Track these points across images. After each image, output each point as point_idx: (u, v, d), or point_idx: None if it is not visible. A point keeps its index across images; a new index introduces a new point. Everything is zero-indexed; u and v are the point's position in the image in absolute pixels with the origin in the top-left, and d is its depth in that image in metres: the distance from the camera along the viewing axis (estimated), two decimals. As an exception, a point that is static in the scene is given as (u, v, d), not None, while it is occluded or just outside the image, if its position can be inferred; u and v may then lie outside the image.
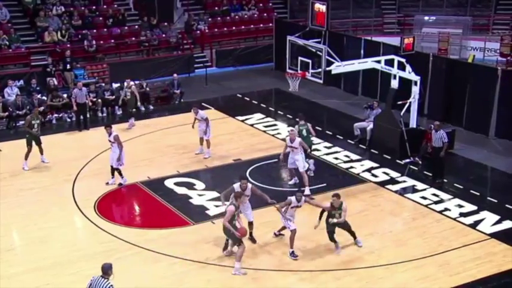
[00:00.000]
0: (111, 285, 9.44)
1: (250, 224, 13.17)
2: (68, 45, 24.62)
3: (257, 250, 13.15)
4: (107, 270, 9.52)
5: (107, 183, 15.98)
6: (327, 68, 17.72)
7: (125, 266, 12.43)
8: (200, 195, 15.65)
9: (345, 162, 17.77)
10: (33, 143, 17.15)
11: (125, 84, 20.93)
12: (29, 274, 12.21)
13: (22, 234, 14.16)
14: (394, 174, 16.90)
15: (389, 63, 18.10)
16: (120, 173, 15.93)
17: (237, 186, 12.73)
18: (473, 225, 14.23)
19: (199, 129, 17.80)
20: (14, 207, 15.09)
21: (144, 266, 12.49)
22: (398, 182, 16.47)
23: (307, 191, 15.36)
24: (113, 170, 15.95)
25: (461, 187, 16.15)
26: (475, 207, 15.03)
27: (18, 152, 17.38)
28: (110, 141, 15.82)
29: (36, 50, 24.57)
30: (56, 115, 21.28)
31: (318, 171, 17.18)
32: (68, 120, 21.23)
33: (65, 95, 21.67)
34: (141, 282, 12.01)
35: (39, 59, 24.20)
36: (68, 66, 23.62)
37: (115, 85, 22.75)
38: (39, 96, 21.22)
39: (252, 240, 13.22)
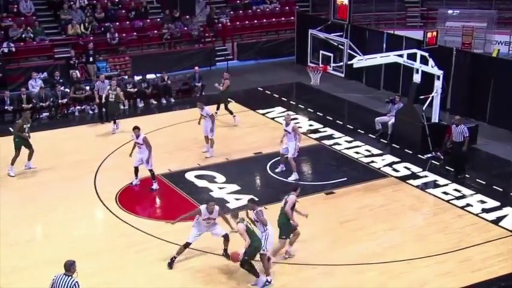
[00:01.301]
0: (77, 282, 9.18)
1: (225, 238, 12.33)
2: (91, 38, 24.80)
3: (277, 243, 13.13)
4: (69, 266, 9.24)
5: (131, 184, 15.84)
6: (349, 62, 17.63)
7: (144, 258, 12.56)
8: (221, 188, 15.69)
9: (366, 156, 17.69)
10: (23, 147, 16.55)
11: (111, 84, 19.84)
12: (46, 266, 12.21)
13: (43, 225, 14.35)
14: (415, 169, 16.79)
15: (411, 57, 17.95)
16: (153, 176, 15.57)
17: (203, 208, 12.11)
18: (496, 221, 14.10)
19: (205, 126, 17.43)
20: (35, 199, 15.28)
21: (163, 258, 12.52)
22: (419, 177, 16.36)
23: (294, 176, 15.88)
24: (136, 170, 15.72)
25: (483, 183, 15.99)
26: (497, 203, 14.88)
27: (40, 144, 17.57)
28: (137, 143, 15.46)
29: (60, 42, 24.78)
30: (78, 107, 21.47)
31: (339, 165, 17.13)
32: (90, 112, 21.39)
33: (88, 88, 21.85)
34: (160, 274, 12.10)
35: (63, 52, 24.39)
36: (91, 59, 23.80)
37: (137, 78, 22.89)
38: (62, 88, 21.43)
39: (227, 256, 12.35)
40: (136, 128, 15.51)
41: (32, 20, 24.78)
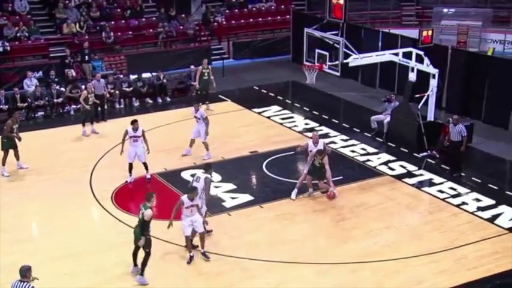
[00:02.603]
0: (32, 287, 9.29)
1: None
2: (86, 37, 24.74)
3: (272, 242, 13.18)
4: (25, 272, 9.30)
5: (126, 182, 15.89)
6: (345, 61, 17.68)
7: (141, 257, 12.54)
8: (216, 187, 15.68)
9: (362, 155, 17.71)
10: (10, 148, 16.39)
11: (87, 88, 19.42)
12: (46, 264, 12.28)
13: (40, 224, 14.35)
14: (411, 167, 16.82)
15: (407, 55, 17.97)
16: (146, 168, 15.88)
17: (185, 197, 12.48)
18: (491, 220, 14.13)
19: (195, 129, 17.19)
20: (32, 198, 15.27)
21: (160, 257, 12.53)
22: (415, 176, 16.39)
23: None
24: (130, 167, 15.80)
25: (479, 181, 16.03)
26: (493, 202, 14.92)
27: (36, 143, 17.53)
28: (135, 136, 15.53)
29: (55, 41, 24.73)
30: (74, 106, 21.41)
31: (335, 163, 17.12)
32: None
33: (83, 87, 21.80)
34: (157, 272, 12.10)
35: (58, 51, 24.35)
36: (86, 58, 23.73)
37: (132, 77, 22.87)
38: (57, 87, 21.38)
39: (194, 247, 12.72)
40: (135, 121, 15.66)
41: (27, 18, 24.70)
